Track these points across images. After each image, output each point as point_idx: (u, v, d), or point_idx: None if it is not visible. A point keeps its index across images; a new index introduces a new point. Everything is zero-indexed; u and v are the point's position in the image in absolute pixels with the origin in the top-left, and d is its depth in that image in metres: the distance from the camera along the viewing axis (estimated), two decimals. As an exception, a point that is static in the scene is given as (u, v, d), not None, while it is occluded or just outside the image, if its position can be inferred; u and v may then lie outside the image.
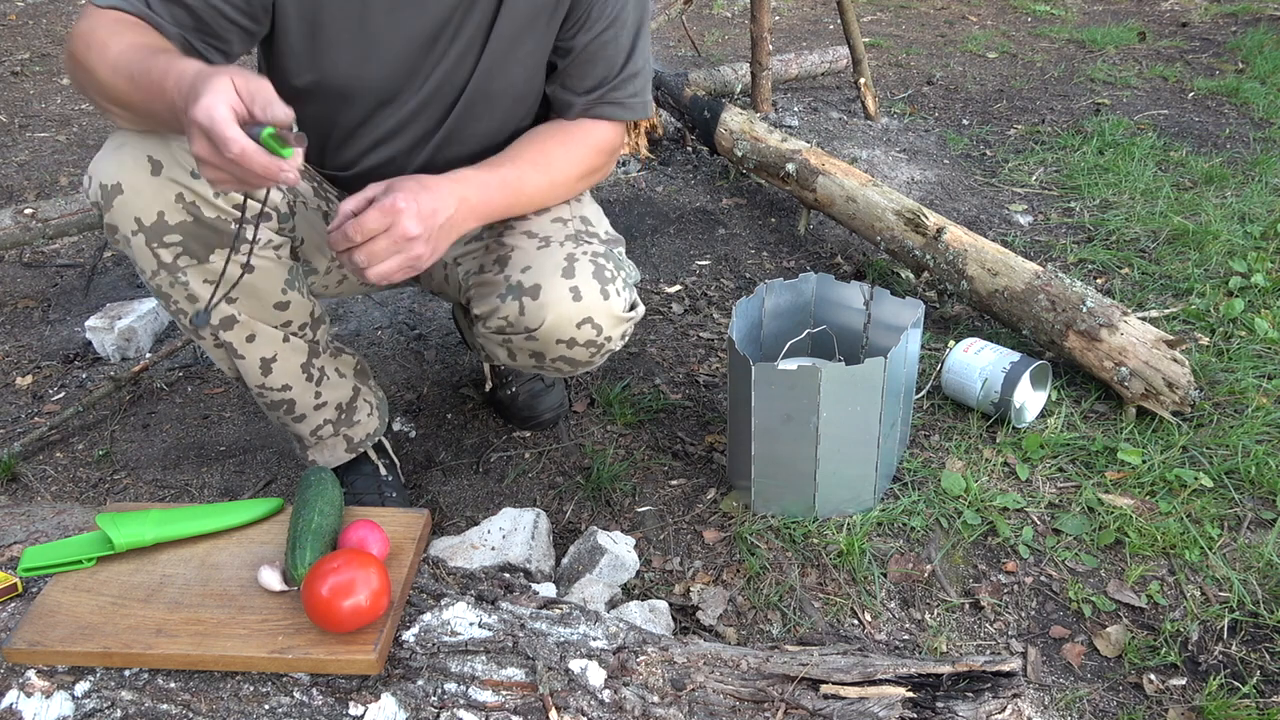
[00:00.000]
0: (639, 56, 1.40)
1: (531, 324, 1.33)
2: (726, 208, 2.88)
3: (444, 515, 1.72)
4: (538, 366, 1.42)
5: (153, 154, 1.21)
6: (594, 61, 1.38)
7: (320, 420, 1.53)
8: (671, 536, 1.65)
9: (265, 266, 1.33)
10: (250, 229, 1.27)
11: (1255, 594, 1.49)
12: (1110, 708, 1.34)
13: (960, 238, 2.17)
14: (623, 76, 1.39)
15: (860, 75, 3.47)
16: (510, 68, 1.36)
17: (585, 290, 1.32)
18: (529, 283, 1.33)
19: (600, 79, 1.39)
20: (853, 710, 1.03)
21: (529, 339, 1.35)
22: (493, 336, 1.40)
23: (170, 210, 1.22)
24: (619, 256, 1.41)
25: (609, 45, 1.37)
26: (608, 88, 1.39)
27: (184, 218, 1.23)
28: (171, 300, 1.30)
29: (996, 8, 5.26)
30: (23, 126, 3.61)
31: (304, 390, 1.48)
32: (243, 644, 1.07)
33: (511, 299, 1.34)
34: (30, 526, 1.29)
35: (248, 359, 1.39)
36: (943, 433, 1.87)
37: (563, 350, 1.36)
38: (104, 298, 2.41)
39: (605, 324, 1.35)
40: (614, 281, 1.35)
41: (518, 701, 1.05)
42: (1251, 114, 3.54)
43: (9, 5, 5.16)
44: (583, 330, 1.34)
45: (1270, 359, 2.03)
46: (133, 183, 1.21)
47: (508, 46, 1.34)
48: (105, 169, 1.21)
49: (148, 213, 1.22)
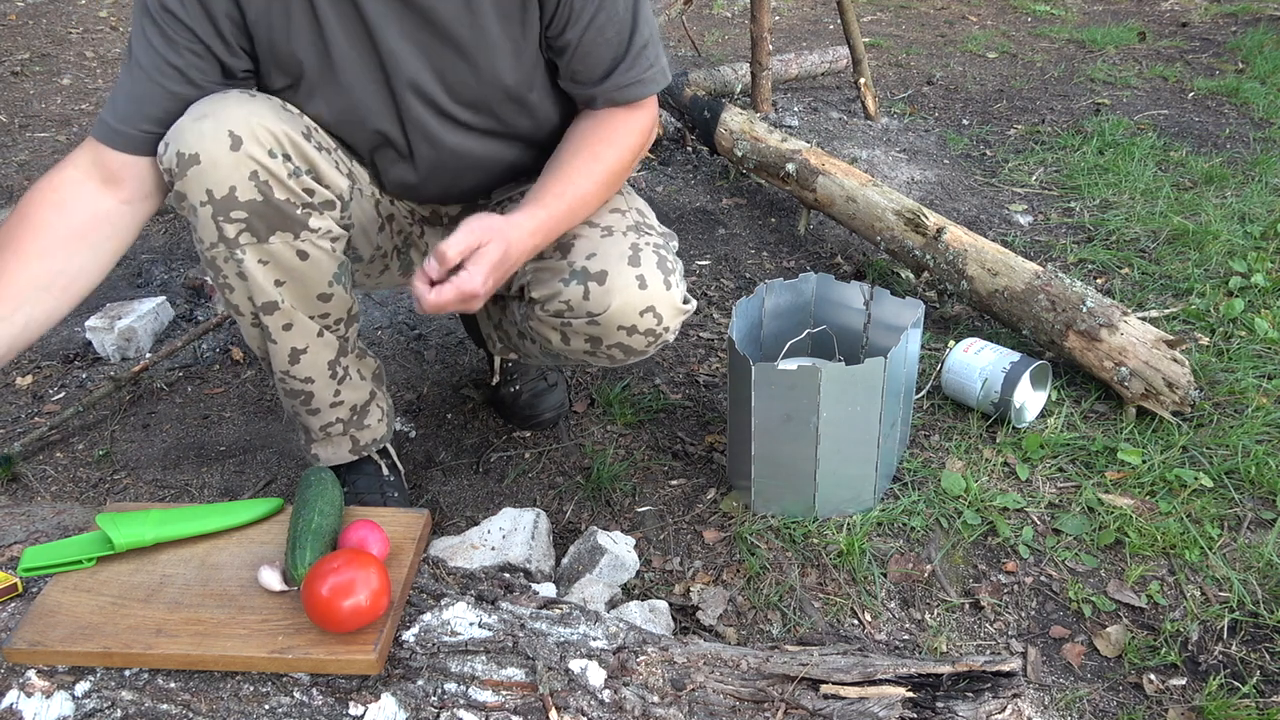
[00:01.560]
0: (642, 26, 1.35)
1: (595, 309, 1.34)
2: (726, 208, 2.88)
3: (444, 515, 1.72)
4: (589, 353, 1.42)
5: (234, 129, 1.23)
6: (597, 49, 1.33)
7: (333, 418, 1.53)
8: (671, 536, 1.65)
9: (318, 257, 1.34)
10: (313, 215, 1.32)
11: (1255, 594, 1.49)
12: (1110, 708, 1.34)
13: (960, 238, 2.17)
14: (633, 53, 1.34)
15: (860, 75, 3.47)
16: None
17: (650, 279, 1.34)
18: (595, 268, 1.34)
19: (611, 63, 1.35)
20: (853, 710, 1.03)
21: (590, 323, 1.36)
22: (549, 320, 1.40)
23: (243, 187, 1.25)
24: (675, 249, 1.43)
25: (607, 28, 1.32)
26: (621, 69, 1.35)
27: (254, 196, 1.26)
28: (221, 273, 1.32)
29: (996, 8, 5.26)
30: (23, 126, 3.61)
31: (325, 386, 1.49)
32: (243, 644, 1.07)
33: (576, 283, 1.34)
34: (30, 526, 1.29)
35: (279, 344, 1.41)
36: (943, 433, 1.87)
37: (621, 337, 1.37)
38: (104, 298, 2.40)
39: (666, 314, 1.36)
40: (674, 273, 1.37)
41: (518, 701, 1.05)
42: (1251, 114, 3.54)
43: (9, 5, 5.16)
44: (645, 318, 1.35)
45: (1270, 359, 2.03)
46: (211, 155, 1.23)
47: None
48: (185, 138, 1.23)
49: (221, 186, 1.24)
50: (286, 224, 1.29)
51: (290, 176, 1.28)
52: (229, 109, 1.24)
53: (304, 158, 1.30)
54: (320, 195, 1.32)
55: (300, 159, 1.30)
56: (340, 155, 1.40)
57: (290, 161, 1.28)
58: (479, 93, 1.37)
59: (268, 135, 1.25)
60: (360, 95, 1.33)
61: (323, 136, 1.36)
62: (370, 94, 1.33)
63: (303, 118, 1.34)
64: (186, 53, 1.26)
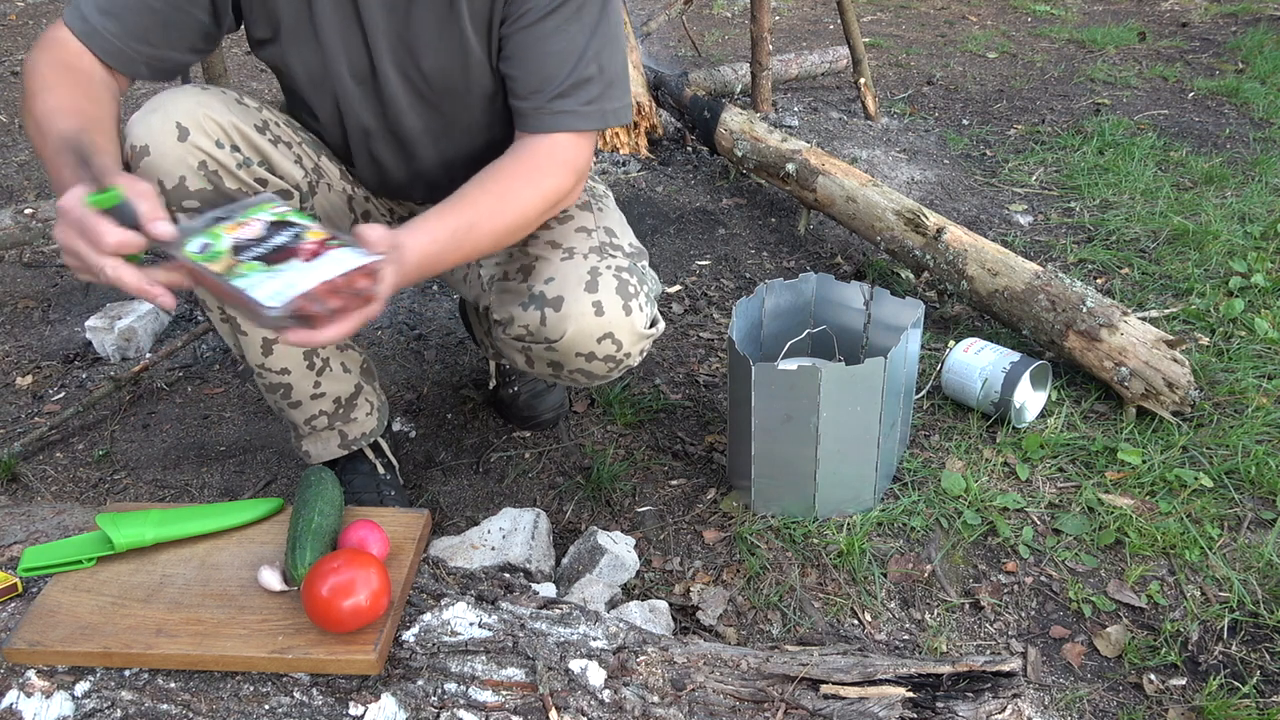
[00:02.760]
0: (592, 60, 1.27)
1: (552, 335, 1.33)
2: (726, 208, 2.88)
3: (444, 515, 1.71)
4: (554, 376, 1.42)
5: (181, 121, 1.25)
6: (535, 59, 1.27)
7: (316, 410, 1.53)
8: (671, 536, 1.65)
9: None
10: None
11: (1255, 594, 1.49)
12: (1110, 708, 1.34)
13: (960, 238, 2.17)
14: (574, 79, 1.26)
15: (860, 75, 3.47)
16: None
17: (608, 305, 1.32)
18: (552, 294, 1.33)
19: (544, 80, 1.27)
20: (853, 710, 1.03)
21: (549, 349, 1.35)
22: (512, 343, 1.40)
23: (192, 176, 1.26)
24: (642, 270, 1.40)
25: (551, 39, 1.26)
26: (554, 91, 1.27)
27: (204, 185, 1.27)
28: None
29: (996, 8, 5.26)
30: (23, 126, 3.61)
31: (303, 377, 1.49)
32: (243, 644, 1.07)
33: (534, 309, 1.34)
34: (30, 526, 1.29)
35: (250, 335, 1.41)
36: (943, 433, 1.87)
37: (581, 363, 1.36)
38: (104, 298, 2.40)
39: (625, 340, 1.35)
40: (636, 297, 1.35)
41: (518, 701, 1.05)
42: (1251, 114, 3.54)
43: (9, 5, 5.16)
44: (603, 345, 1.34)
45: (1270, 359, 2.03)
46: (159, 145, 1.24)
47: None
48: (136, 131, 1.25)
49: (170, 176, 1.25)
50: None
51: (239, 167, 1.29)
52: (179, 102, 1.26)
53: (254, 149, 1.31)
54: (274, 185, 1.33)
55: (250, 150, 1.31)
56: (305, 150, 1.40)
57: (239, 152, 1.29)
58: (452, 86, 1.35)
59: (214, 126, 1.27)
60: (334, 53, 1.31)
61: (282, 130, 1.37)
62: (346, 52, 1.32)
63: (261, 111, 1.35)
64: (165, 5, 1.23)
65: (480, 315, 1.71)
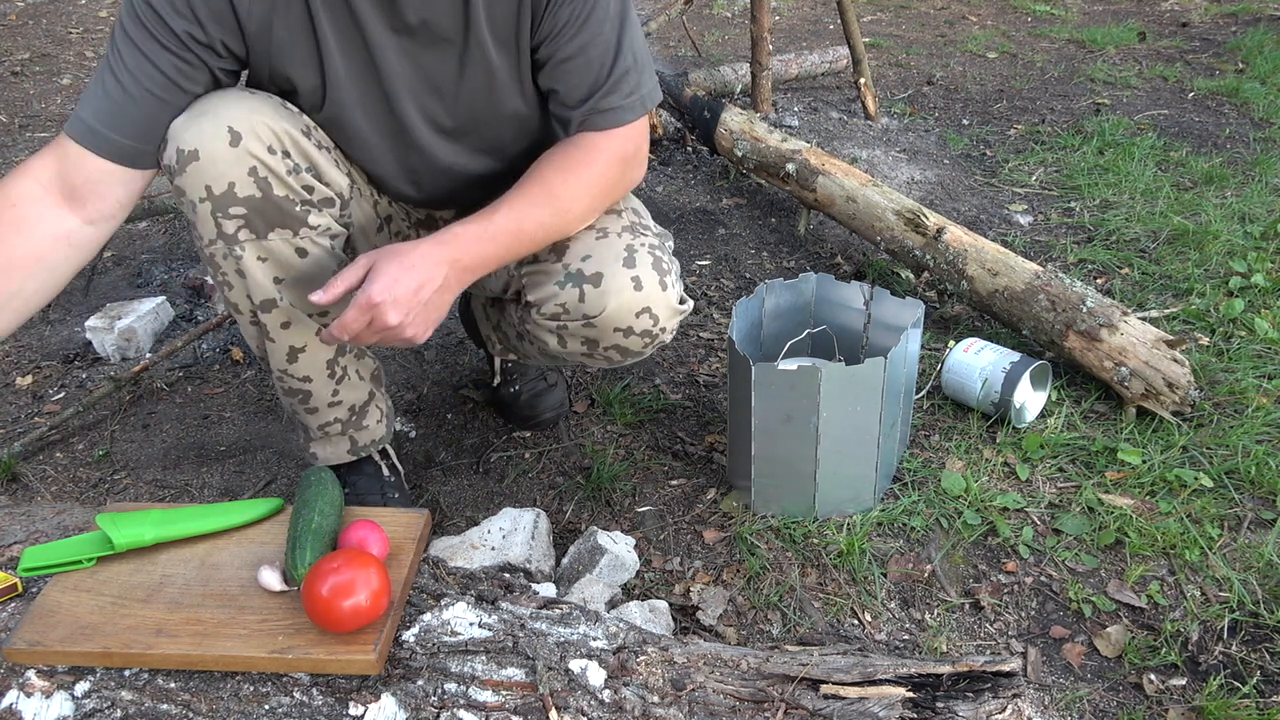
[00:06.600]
0: (628, 51, 1.31)
1: (591, 311, 1.34)
2: (726, 208, 2.88)
3: (444, 515, 1.72)
4: (586, 355, 1.42)
5: (234, 125, 1.23)
6: (578, 70, 1.30)
7: (331, 417, 1.53)
8: (671, 536, 1.65)
9: (317, 255, 1.34)
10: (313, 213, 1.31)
11: (1255, 594, 1.49)
12: (1110, 708, 1.34)
13: (960, 238, 2.17)
14: (614, 78, 1.30)
15: (860, 75, 3.47)
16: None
17: (646, 280, 1.33)
18: (590, 270, 1.33)
19: (591, 87, 1.31)
20: (853, 710, 1.03)
21: (586, 325, 1.36)
22: (545, 323, 1.39)
23: (242, 183, 1.24)
24: (670, 249, 1.42)
25: (590, 47, 1.29)
26: (600, 94, 1.31)
27: (254, 192, 1.25)
28: (219, 270, 1.32)
29: (996, 8, 5.26)
30: (23, 126, 3.61)
31: (323, 385, 1.49)
32: (243, 644, 1.07)
33: (571, 286, 1.34)
34: (30, 526, 1.29)
35: (277, 343, 1.41)
36: (943, 433, 1.87)
37: (618, 339, 1.37)
38: (104, 298, 2.41)
39: (662, 315, 1.36)
40: (670, 274, 1.37)
41: (518, 701, 1.05)
42: (1251, 114, 3.54)
43: (9, 5, 5.16)
44: (641, 320, 1.35)
45: (1270, 359, 2.03)
46: (210, 151, 1.22)
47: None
48: (184, 134, 1.23)
49: (219, 182, 1.24)
50: (285, 221, 1.29)
51: (290, 173, 1.28)
52: (229, 106, 1.24)
53: (304, 155, 1.30)
54: (320, 192, 1.32)
55: (300, 156, 1.30)
56: (340, 154, 1.40)
57: (290, 158, 1.28)
58: (478, 116, 1.37)
59: (268, 131, 1.25)
60: (359, 120, 1.34)
61: (322, 135, 1.36)
62: (363, 106, 1.33)
63: (302, 116, 1.34)
64: (175, 58, 1.22)
65: (492, 309, 1.71)
